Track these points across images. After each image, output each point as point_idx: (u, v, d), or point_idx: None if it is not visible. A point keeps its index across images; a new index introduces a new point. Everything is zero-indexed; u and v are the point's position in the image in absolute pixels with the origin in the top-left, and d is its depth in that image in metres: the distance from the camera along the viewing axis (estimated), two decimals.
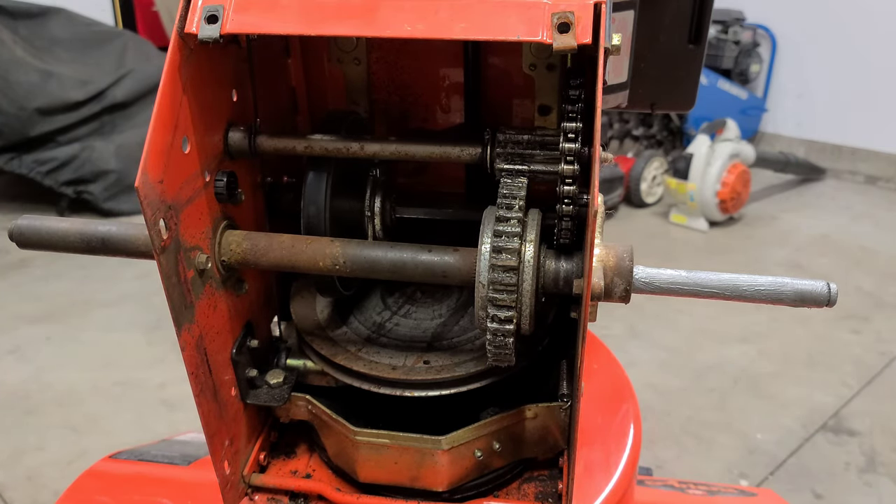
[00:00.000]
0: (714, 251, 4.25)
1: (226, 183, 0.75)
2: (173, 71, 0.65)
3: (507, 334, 0.69)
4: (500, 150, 0.76)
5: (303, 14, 0.65)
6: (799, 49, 5.78)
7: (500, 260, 0.67)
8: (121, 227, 0.77)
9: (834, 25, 5.48)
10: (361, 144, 0.78)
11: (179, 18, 0.65)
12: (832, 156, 5.76)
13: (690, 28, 1.00)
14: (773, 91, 6.04)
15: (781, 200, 5.10)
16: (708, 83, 5.22)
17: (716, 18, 5.39)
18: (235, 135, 0.77)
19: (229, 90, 0.77)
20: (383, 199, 0.87)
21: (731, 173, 4.29)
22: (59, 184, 4.32)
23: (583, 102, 0.70)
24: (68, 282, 3.62)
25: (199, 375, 0.73)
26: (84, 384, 2.81)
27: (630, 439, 0.99)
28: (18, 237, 0.79)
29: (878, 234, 4.50)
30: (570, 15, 0.62)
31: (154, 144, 0.63)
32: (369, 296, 0.96)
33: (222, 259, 0.76)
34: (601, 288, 0.69)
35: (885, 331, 3.34)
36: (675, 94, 1.06)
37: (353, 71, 0.93)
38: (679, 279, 0.71)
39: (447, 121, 0.98)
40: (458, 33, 0.63)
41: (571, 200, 0.71)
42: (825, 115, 5.81)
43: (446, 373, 0.80)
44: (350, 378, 0.83)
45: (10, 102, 4.12)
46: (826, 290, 0.69)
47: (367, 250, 0.75)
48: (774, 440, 2.58)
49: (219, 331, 0.77)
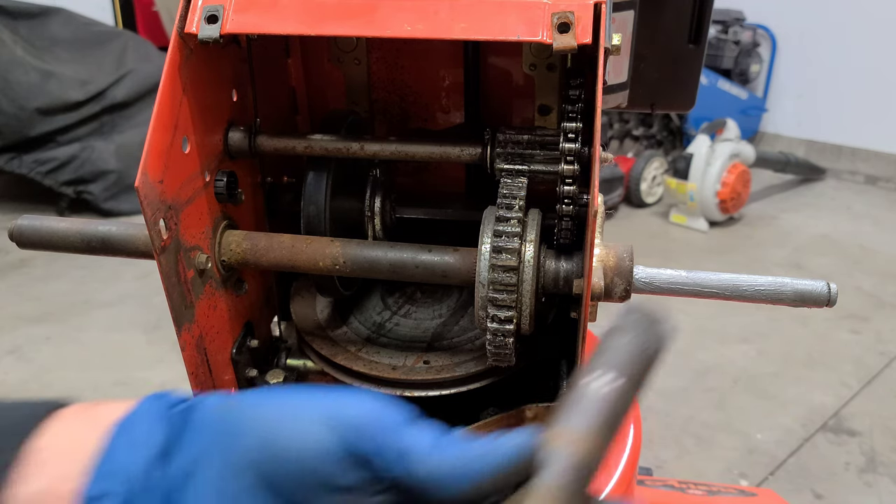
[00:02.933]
0: (714, 251, 4.24)
1: (226, 183, 0.75)
2: (173, 71, 0.65)
3: (507, 334, 0.69)
4: (500, 150, 0.76)
5: (303, 14, 0.65)
6: (799, 49, 5.78)
7: (500, 260, 0.67)
8: (121, 227, 0.77)
9: (834, 25, 5.48)
10: (361, 144, 0.78)
11: (179, 18, 0.65)
12: (832, 156, 5.76)
13: (690, 28, 1.00)
14: (773, 91, 6.04)
15: (781, 200, 5.10)
16: (708, 83, 5.22)
17: (716, 18, 5.39)
18: (235, 135, 0.77)
19: (229, 90, 0.77)
20: (383, 199, 0.87)
21: (731, 173, 4.29)
22: (59, 184, 4.32)
23: (583, 102, 0.70)
24: (68, 282, 3.61)
25: (199, 375, 0.73)
26: (84, 384, 2.81)
27: (630, 439, 0.99)
28: (18, 237, 0.79)
29: (878, 234, 4.50)
30: (570, 15, 0.62)
31: (154, 144, 0.63)
32: (369, 296, 0.96)
33: (222, 259, 0.76)
34: (601, 288, 0.69)
35: (885, 331, 3.34)
36: (675, 94, 1.06)
37: (353, 71, 0.93)
38: (679, 279, 0.71)
39: (447, 121, 0.98)
40: (458, 33, 0.63)
41: (571, 200, 0.71)
42: (825, 115, 5.80)
43: (446, 373, 0.80)
44: (350, 378, 0.83)
45: (10, 102, 4.12)
46: (826, 290, 0.69)
47: (367, 250, 0.75)
48: (774, 440, 2.58)
49: (219, 331, 0.77)
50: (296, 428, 0.43)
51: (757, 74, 5.85)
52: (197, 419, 0.45)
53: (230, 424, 0.44)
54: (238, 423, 0.44)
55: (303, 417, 0.44)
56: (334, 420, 0.44)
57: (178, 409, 0.46)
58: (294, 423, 0.44)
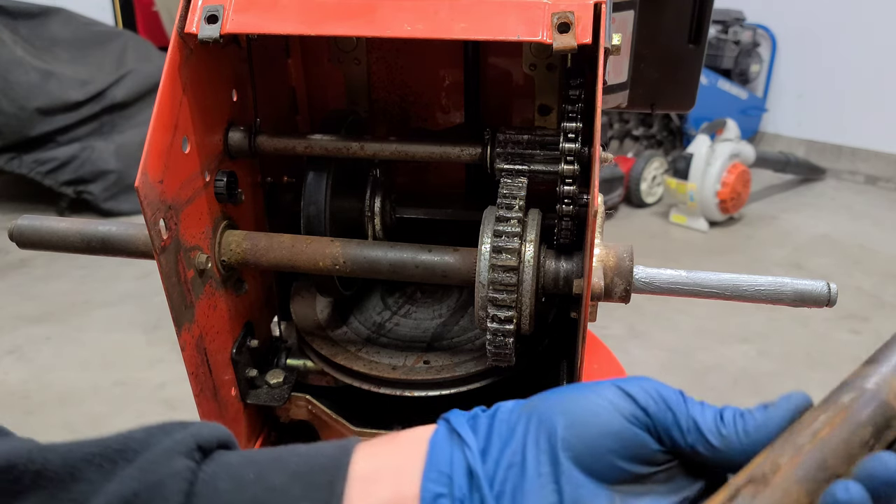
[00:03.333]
0: (714, 251, 4.24)
1: (226, 183, 0.75)
2: (173, 71, 0.65)
3: (507, 334, 0.69)
4: (500, 150, 0.76)
5: (303, 14, 0.65)
6: (799, 49, 5.77)
7: (500, 260, 0.67)
8: (121, 227, 0.77)
9: (834, 25, 5.48)
10: (361, 144, 0.78)
11: (179, 18, 0.65)
12: (832, 156, 5.76)
13: (690, 28, 1.00)
14: (773, 91, 6.03)
15: (781, 200, 5.10)
16: (708, 83, 5.22)
17: (716, 18, 5.39)
18: (235, 135, 0.77)
19: (229, 90, 0.77)
20: (383, 199, 0.87)
21: (731, 173, 4.29)
22: (59, 184, 4.31)
23: (583, 102, 0.70)
24: (68, 282, 3.61)
25: (199, 375, 0.73)
26: (84, 384, 2.81)
27: None
28: (18, 237, 0.79)
29: (878, 234, 4.50)
30: (570, 15, 0.62)
31: (154, 144, 0.63)
32: (369, 296, 0.96)
33: (222, 259, 0.76)
34: (601, 288, 0.69)
35: (885, 331, 3.33)
36: (675, 94, 1.06)
37: (353, 71, 0.93)
38: (679, 279, 0.71)
39: (447, 121, 0.98)
40: (458, 33, 0.63)
41: (571, 200, 0.71)
42: (825, 115, 5.80)
43: (446, 373, 0.80)
44: (350, 378, 0.83)
45: (10, 102, 4.12)
46: (826, 290, 0.69)
47: (367, 250, 0.75)
48: None
49: (219, 331, 0.77)
50: (599, 404, 0.47)
51: (757, 74, 5.85)
52: (502, 419, 0.49)
53: (538, 415, 0.48)
54: (545, 412, 0.48)
55: (602, 395, 0.47)
56: (631, 394, 0.47)
57: (481, 416, 0.50)
58: (597, 401, 0.47)
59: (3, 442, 0.48)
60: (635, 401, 0.47)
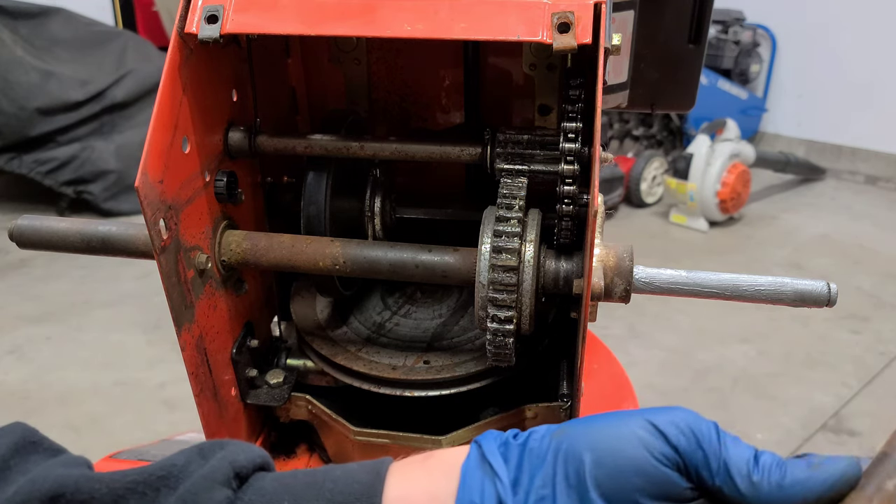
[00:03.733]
0: (714, 251, 4.24)
1: (226, 183, 0.75)
2: (173, 71, 0.65)
3: (507, 334, 0.69)
4: (500, 150, 0.76)
5: (303, 14, 0.65)
6: (799, 49, 5.78)
7: (500, 260, 0.67)
8: (121, 227, 0.77)
9: (834, 25, 5.48)
10: (361, 144, 0.78)
11: (179, 18, 0.65)
12: (832, 156, 5.76)
13: (690, 28, 1.00)
14: (773, 91, 6.04)
15: (781, 200, 5.10)
16: (708, 83, 5.22)
17: (716, 18, 5.39)
18: (235, 135, 0.77)
19: (229, 90, 0.77)
20: (383, 199, 0.87)
21: (731, 173, 4.29)
22: (59, 184, 4.32)
23: (583, 102, 0.70)
24: (68, 282, 3.61)
25: (199, 375, 0.73)
26: (84, 384, 2.81)
27: None
28: (18, 237, 0.79)
29: (878, 234, 4.50)
30: (570, 15, 0.62)
31: (154, 144, 0.63)
32: (369, 296, 0.96)
33: (222, 259, 0.76)
34: (601, 288, 0.69)
35: (885, 331, 3.34)
36: (675, 94, 1.06)
37: (353, 71, 0.93)
38: (679, 279, 0.71)
39: (447, 121, 0.98)
40: (458, 33, 0.63)
41: (571, 200, 0.71)
42: (825, 115, 5.80)
43: (446, 373, 0.80)
44: (350, 378, 0.83)
45: (10, 102, 4.12)
46: (826, 290, 0.69)
47: (367, 250, 0.75)
48: (774, 440, 2.58)
49: (219, 331, 0.77)
50: (629, 440, 0.47)
51: (757, 74, 5.85)
52: (533, 450, 0.49)
53: (566, 448, 0.48)
54: (574, 445, 0.48)
55: (632, 429, 0.47)
56: (662, 430, 0.47)
57: (512, 444, 0.50)
58: (627, 437, 0.47)
59: (53, 467, 0.49)
60: (666, 438, 0.46)
